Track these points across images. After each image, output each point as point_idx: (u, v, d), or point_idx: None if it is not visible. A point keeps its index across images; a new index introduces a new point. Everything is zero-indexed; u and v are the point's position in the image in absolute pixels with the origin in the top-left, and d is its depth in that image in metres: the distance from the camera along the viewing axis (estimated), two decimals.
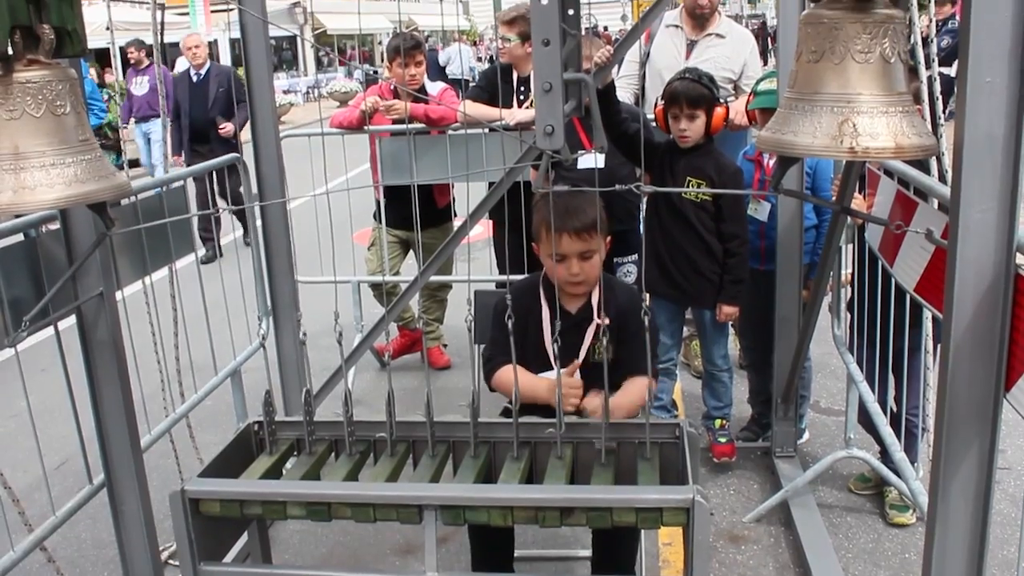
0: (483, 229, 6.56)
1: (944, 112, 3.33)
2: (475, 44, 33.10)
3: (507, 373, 2.87)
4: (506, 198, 3.00)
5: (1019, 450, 4.20)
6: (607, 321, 2.89)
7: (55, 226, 2.85)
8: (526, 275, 3.21)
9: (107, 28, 5.46)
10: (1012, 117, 1.72)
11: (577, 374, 2.84)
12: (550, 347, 2.92)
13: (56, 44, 2.17)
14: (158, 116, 10.30)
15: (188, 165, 8.24)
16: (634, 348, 2.87)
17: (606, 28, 30.25)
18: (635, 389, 2.84)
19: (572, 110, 2.14)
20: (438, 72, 23.52)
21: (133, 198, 3.32)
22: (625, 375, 2.87)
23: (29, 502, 2.94)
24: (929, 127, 2.83)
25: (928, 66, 3.13)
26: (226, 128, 8.83)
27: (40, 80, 2.11)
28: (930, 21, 10.87)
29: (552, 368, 2.92)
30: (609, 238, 2.97)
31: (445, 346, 5.71)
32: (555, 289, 2.82)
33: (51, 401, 3.64)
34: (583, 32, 2.22)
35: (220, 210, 2.77)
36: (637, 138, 3.72)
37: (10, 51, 2.10)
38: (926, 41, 3.01)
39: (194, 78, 9.04)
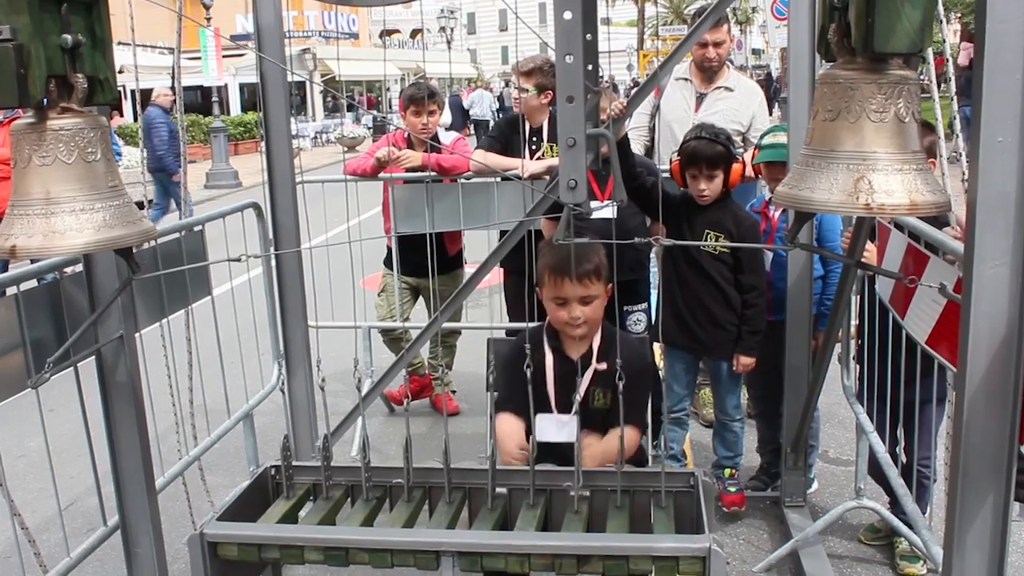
0: (491, 275, 6.61)
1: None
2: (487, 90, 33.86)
3: (502, 427, 3.05)
4: (525, 245, 3.06)
5: None
6: (604, 366, 2.97)
7: (71, 269, 2.89)
8: (538, 322, 3.28)
9: (119, 71, 5.56)
10: None
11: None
12: (552, 393, 2.99)
13: (88, 92, 2.23)
14: None
15: None
16: (628, 400, 2.91)
17: (612, 77, 30.64)
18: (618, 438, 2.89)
19: (591, 163, 2.20)
20: (462, 114, 25.19)
21: (153, 242, 3.37)
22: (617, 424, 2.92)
23: (39, 543, 2.94)
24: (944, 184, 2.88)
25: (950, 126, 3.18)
26: None
27: (73, 128, 2.17)
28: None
29: (552, 411, 3.00)
30: (610, 285, 3.03)
31: (454, 392, 5.73)
32: (559, 336, 2.89)
33: (59, 442, 3.65)
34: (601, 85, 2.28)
35: (244, 256, 2.81)
36: (654, 191, 3.76)
37: (45, 100, 2.16)
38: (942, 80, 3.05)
39: None
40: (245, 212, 4.20)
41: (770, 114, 5.86)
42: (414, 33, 52.44)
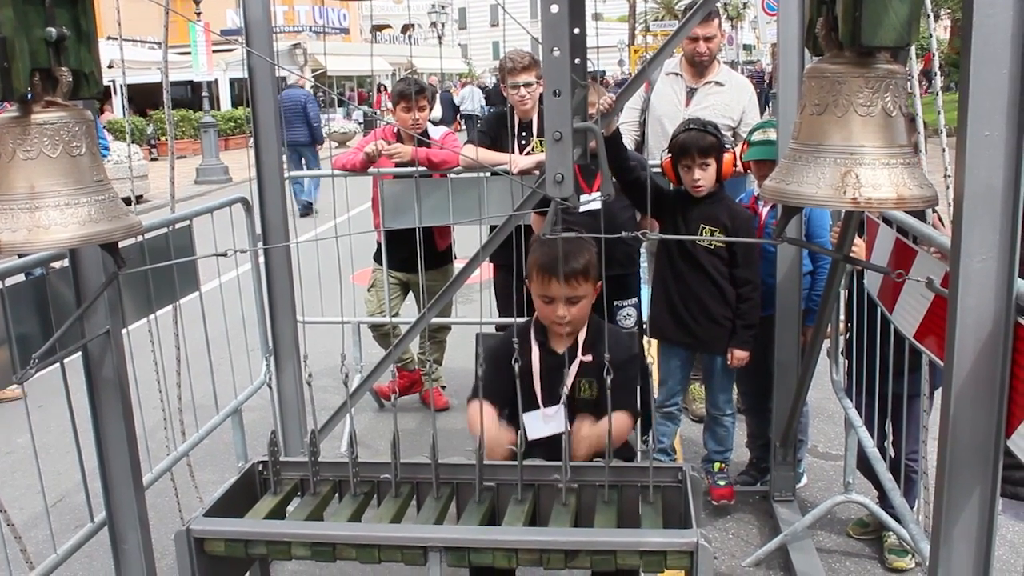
0: (481, 271, 6.60)
1: None
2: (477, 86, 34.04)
3: (474, 412, 2.91)
4: (513, 240, 3.04)
5: None
6: (590, 358, 2.96)
7: (60, 264, 2.87)
8: (526, 318, 3.27)
9: (109, 66, 5.51)
10: (1011, 169, 1.77)
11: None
12: (537, 386, 2.98)
13: (73, 86, 2.21)
14: None
15: None
16: (616, 387, 2.91)
17: (604, 73, 30.69)
18: (614, 422, 2.83)
19: (578, 157, 2.19)
20: (453, 110, 26.05)
21: (140, 237, 3.35)
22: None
23: (27, 539, 2.93)
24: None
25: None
26: None
27: (57, 121, 2.15)
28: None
29: (538, 406, 2.99)
30: (600, 283, 3.03)
31: (444, 387, 5.72)
32: (547, 330, 2.88)
33: (47, 438, 3.64)
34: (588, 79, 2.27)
35: (231, 251, 2.80)
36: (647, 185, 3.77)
37: (29, 93, 2.14)
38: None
39: None
40: (233, 207, 4.17)
41: (761, 114, 5.85)
42: (405, 28, 52.32)
